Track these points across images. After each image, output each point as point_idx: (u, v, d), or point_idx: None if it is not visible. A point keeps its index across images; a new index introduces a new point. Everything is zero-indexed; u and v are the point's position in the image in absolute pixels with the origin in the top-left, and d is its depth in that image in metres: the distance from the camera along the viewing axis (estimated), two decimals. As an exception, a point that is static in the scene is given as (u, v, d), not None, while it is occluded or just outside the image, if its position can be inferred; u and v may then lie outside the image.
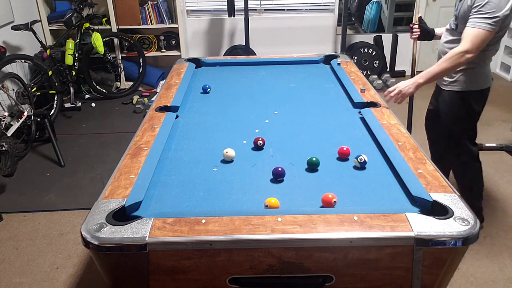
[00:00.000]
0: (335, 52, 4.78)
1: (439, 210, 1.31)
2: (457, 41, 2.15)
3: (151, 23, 4.88)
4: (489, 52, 2.21)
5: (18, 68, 3.90)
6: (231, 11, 4.74)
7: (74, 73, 4.46)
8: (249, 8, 4.77)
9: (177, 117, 2.10)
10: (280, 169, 1.55)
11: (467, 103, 2.30)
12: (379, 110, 2.06)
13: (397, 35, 5.09)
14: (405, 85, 2.18)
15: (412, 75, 2.44)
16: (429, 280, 1.27)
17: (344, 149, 1.69)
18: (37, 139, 3.73)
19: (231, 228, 1.24)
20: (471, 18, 2.06)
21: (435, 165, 1.59)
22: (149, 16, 4.85)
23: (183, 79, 2.55)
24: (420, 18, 2.60)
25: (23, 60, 3.87)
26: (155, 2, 4.81)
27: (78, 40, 4.47)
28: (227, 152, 1.68)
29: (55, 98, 4.18)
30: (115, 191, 1.42)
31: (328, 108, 2.20)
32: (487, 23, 2.01)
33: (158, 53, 5.03)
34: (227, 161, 1.69)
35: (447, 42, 2.30)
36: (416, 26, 2.57)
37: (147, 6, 4.81)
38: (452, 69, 2.16)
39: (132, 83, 4.97)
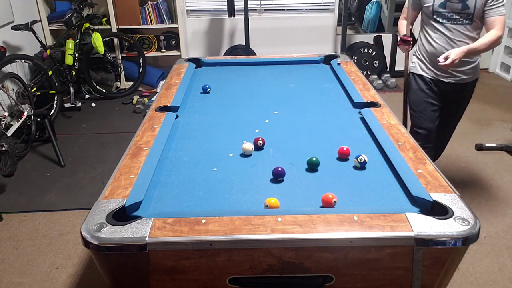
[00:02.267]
0: (335, 52, 4.78)
1: (439, 210, 1.31)
2: (472, 38, 2.43)
3: (151, 23, 4.88)
4: None
5: (18, 68, 3.90)
6: (231, 11, 4.74)
7: (74, 73, 4.46)
8: (249, 8, 4.77)
9: (177, 117, 2.09)
10: (280, 169, 1.55)
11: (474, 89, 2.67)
12: (379, 110, 2.06)
13: (397, 35, 5.09)
14: (457, 55, 2.33)
15: (405, 88, 2.74)
16: (429, 280, 1.27)
17: (344, 149, 1.69)
18: (37, 139, 3.73)
19: (231, 228, 1.24)
20: (493, 8, 2.34)
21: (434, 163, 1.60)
22: (149, 16, 4.85)
23: (183, 79, 2.55)
24: (411, 29, 2.69)
25: (23, 60, 3.87)
26: (155, 2, 4.81)
27: (78, 40, 4.47)
28: (251, 147, 1.74)
29: (55, 98, 4.18)
30: (115, 191, 1.42)
31: (328, 108, 2.20)
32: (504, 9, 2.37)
33: (158, 53, 5.04)
34: (246, 154, 1.74)
35: (463, 40, 2.45)
36: (409, 38, 2.62)
37: (147, 6, 4.81)
38: (487, 51, 2.47)
39: (132, 83, 4.97)
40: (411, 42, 2.60)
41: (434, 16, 2.47)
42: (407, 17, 2.64)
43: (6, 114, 3.44)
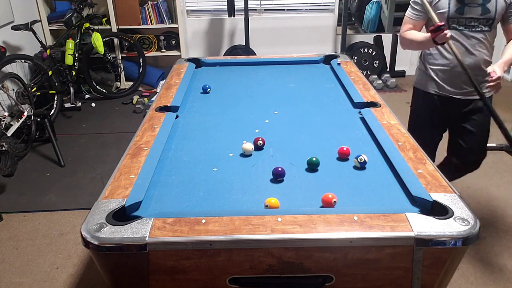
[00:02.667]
0: (335, 52, 4.78)
1: (439, 210, 1.31)
2: (489, 48, 2.23)
3: (151, 23, 4.88)
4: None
5: (18, 68, 3.90)
6: (231, 11, 4.74)
7: (74, 73, 4.47)
8: (249, 8, 4.78)
9: (177, 117, 2.09)
10: (280, 169, 1.55)
11: None
12: (379, 110, 2.06)
13: (397, 35, 5.09)
14: (499, 69, 2.10)
15: (475, 85, 2.13)
16: (429, 280, 1.27)
17: (344, 149, 1.69)
18: (37, 139, 3.73)
19: (231, 228, 1.24)
20: None
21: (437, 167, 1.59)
22: (149, 16, 4.85)
23: (183, 79, 2.55)
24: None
25: (23, 60, 3.87)
26: (155, 2, 4.81)
27: (78, 40, 4.48)
28: (251, 147, 1.74)
29: (55, 98, 4.18)
30: (115, 191, 1.42)
31: (328, 108, 2.20)
32: None
33: (158, 53, 5.04)
34: (246, 154, 1.73)
35: (481, 50, 2.22)
36: (440, 23, 2.09)
37: (147, 6, 4.81)
38: None
39: (132, 83, 4.97)
40: (445, 25, 2.09)
41: (450, 23, 2.18)
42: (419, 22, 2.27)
43: (6, 114, 3.44)
